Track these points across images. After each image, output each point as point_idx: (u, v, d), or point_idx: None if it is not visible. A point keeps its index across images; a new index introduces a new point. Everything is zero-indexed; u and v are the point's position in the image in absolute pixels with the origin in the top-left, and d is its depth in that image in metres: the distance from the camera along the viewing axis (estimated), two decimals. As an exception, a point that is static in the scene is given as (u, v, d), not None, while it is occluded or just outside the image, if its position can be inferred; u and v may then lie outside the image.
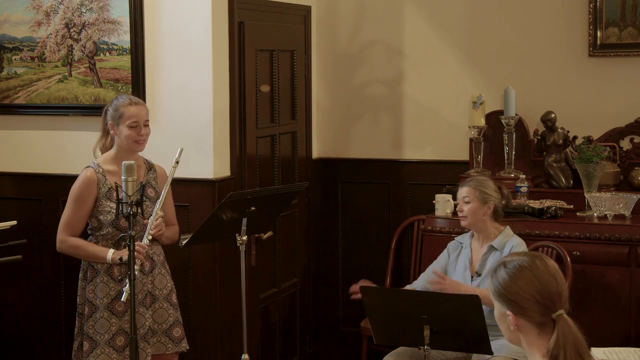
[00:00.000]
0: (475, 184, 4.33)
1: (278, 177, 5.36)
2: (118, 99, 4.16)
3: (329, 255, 5.96)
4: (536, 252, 2.42)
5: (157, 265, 4.16)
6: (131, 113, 4.07)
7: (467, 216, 4.32)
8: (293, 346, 5.66)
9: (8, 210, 5.04)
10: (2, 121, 5.17)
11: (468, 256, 4.39)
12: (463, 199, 4.33)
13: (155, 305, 4.14)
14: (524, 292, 2.32)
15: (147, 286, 4.11)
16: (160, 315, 4.15)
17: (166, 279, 4.20)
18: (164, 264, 4.23)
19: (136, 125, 4.07)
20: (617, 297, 4.78)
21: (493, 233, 4.35)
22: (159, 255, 4.20)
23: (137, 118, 4.07)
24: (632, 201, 4.91)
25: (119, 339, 4.06)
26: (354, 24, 5.85)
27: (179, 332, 4.20)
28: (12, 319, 5.24)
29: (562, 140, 5.28)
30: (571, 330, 2.28)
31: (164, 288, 4.18)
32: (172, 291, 4.21)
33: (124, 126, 4.06)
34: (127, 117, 4.06)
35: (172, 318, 4.18)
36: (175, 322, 4.19)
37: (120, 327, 4.06)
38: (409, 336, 3.84)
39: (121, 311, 4.06)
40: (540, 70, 5.48)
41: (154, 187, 4.20)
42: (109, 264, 4.05)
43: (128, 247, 3.67)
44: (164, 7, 4.77)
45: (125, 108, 4.08)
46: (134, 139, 4.07)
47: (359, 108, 5.87)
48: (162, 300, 4.16)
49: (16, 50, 5.09)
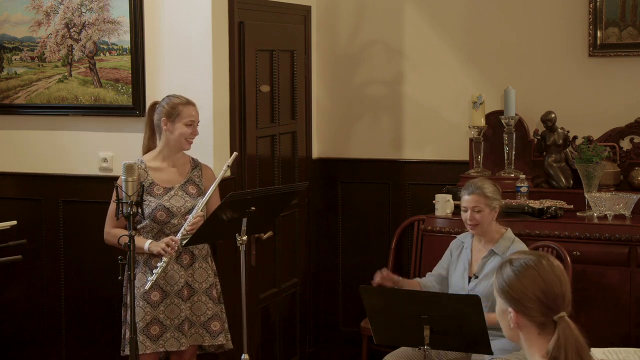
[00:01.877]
0: (482, 191, 4.27)
1: (278, 177, 5.36)
2: (172, 98, 4.28)
3: (329, 255, 5.96)
4: (543, 252, 2.42)
5: (197, 259, 4.26)
6: (189, 112, 4.23)
7: (480, 224, 4.27)
8: (293, 346, 5.66)
9: (8, 210, 5.04)
10: (2, 121, 5.17)
11: (468, 257, 4.38)
12: (473, 208, 4.26)
13: (194, 297, 4.23)
14: (527, 291, 2.32)
15: (183, 278, 4.19)
16: (199, 307, 4.24)
17: (207, 273, 4.28)
18: (207, 259, 4.30)
19: (192, 124, 4.23)
20: (617, 297, 4.78)
21: (495, 235, 4.33)
22: (200, 249, 4.28)
23: (194, 117, 4.25)
24: (632, 201, 4.91)
25: (153, 328, 4.17)
26: (354, 24, 5.85)
27: (217, 326, 4.27)
28: (12, 319, 5.23)
29: (562, 140, 5.28)
30: (572, 333, 2.28)
31: (204, 282, 4.26)
32: (213, 286, 4.30)
33: (181, 124, 4.21)
34: (184, 116, 4.22)
35: (210, 312, 4.26)
36: (214, 316, 4.28)
37: (155, 317, 4.16)
38: (409, 336, 3.84)
39: (156, 301, 4.17)
40: (540, 70, 5.48)
41: (197, 184, 4.29)
42: (148, 255, 4.17)
43: (128, 247, 3.69)
44: (164, 7, 4.77)
45: (184, 107, 4.23)
46: (187, 137, 4.23)
47: (359, 108, 5.87)
48: (201, 294, 4.25)
49: (16, 50, 5.09)
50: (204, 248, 4.30)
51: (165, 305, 4.18)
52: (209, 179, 4.34)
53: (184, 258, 4.22)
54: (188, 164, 4.33)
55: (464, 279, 4.34)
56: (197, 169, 4.34)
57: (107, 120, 4.94)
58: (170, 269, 4.19)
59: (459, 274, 4.37)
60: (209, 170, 4.39)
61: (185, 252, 4.22)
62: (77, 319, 5.08)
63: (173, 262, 4.19)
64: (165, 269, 4.11)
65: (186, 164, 4.33)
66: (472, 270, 4.34)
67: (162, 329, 4.16)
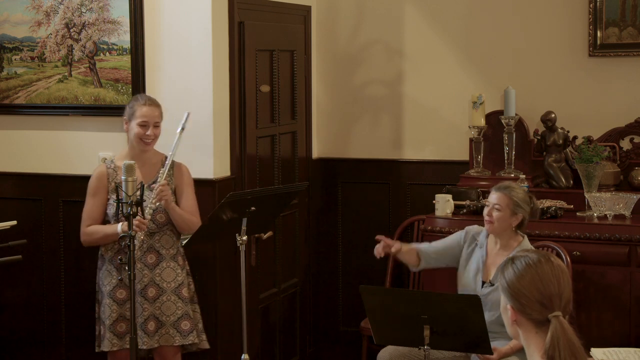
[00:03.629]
0: (509, 193, 4.21)
1: (278, 177, 5.36)
2: (137, 97, 4.33)
3: (329, 255, 5.96)
4: (546, 252, 2.44)
5: (164, 259, 4.25)
6: (143, 112, 4.22)
7: (495, 223, 4.22)
8: (293, 346, 5.66)
9: (8, 210, 5.04)
10: (2, 121, 5.17)
11: (482, 258, 4.31)
12: (494, 205, 4.21)
13: (162, 297, 4.23)
14: (524, 289, 2.35)
15: (147, 277, 4.20)
16: (168, 307, 4.24)
17: (175, 272, 4.28)
18: (175, 258, 4.29)
19: (146, 124, 4.22)
20: (617, 297, 4.78)
21: (512, 243, 4.26)
22: (168, 249, 4.27)
23: (147, 118, 4.23)
24: (632, 201, 4.91)
25: (119, 326, 4.21)
26: (354, 24, 5.85)
27: (188, 326, 4.26)
28: (12, 319, 5.24)
29: (562, 140, 5.28)
30: (565, 333, 2.29)
31: (172, 281, 4.26)
32: (182, 285, 4.28)
33: (135, 124, 4.23)
34: (138, 116, 4.23)
35: (180, 311, 4.25)
36: (184, 316, 4.26)
37: (121, 314, 4.20)
38: (409, 336, 3.84)
39: (122, 299, 4.20)
40: (540, 70, 5.48)
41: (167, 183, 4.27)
42: (113, 253, 4.21)
43: (128, 247, 3.70)
44: (164, 7, 4.77)
45: (140, 107, 4.24)
46: (141, 137, 4.23)
47: (359, 108, 5.87)
48: (170, 293, 4.24)
49: (16, 50, 5.09)
50: (173, 247, 4.30)
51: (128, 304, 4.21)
52: (180, 177, 4.33)
53: (148, 258, 4.23)
54: (159, 164, 4.33)
55: (476, 282, 4.27)
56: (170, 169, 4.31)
57: (107, 120, 4.94)
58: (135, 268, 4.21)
59: (471, 274, 4.31)
60: (181, 168, 4.37)
61: (151, 252, 4.23)
62: (77, 319, 5.07)
63: (137, 260, 4.20)
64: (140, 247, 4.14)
65: (157, 164, 4.33)
66: (487, 275, 4.27)
67: (128, 326, 4.17)
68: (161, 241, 4.26)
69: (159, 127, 4.28)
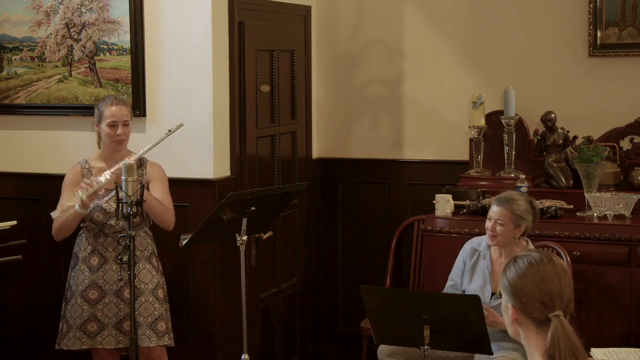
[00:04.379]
0: (511, 207, 4.17)
1: (278, 177, 5.36)
2: (104, 99, 4.34)
3: (329, 255, 5.96)
4: (548, 252, 2.45)
5: (140, 260, 4.27)
6: (110, 112, 4.23)
7: (498, 237, 4.20)
8: (293, 346, 5.66)
9: (8, 210, 5.04)
10: (2, 121, 5.17)
11: (488, 268, 4.30)
12: (496, 220, 4.19)
13: (140, 298, 4.23)
14: (526, 287, 2.36)
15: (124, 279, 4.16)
16: (146, 308, 4.24)
17: (151, 274, 4.30)
18: (150, 260, 4.32)
19: (115, 124, 4.22)
20: (617, 297, 4.78)
21: (516, 250, 4.22)
22: (142, 250, 4.30)
23: (116, 118, 4.23)
24: (632, 201, 4.91)
25: (90, 325, 4.24)
26: (354, 24, 5.85)
27: (163, 327, 4.28)
28: (12, 319, 5.24)
29: (562, 140, 5.28)
30: (565, 332, 2.30)
31: (149, 282, 4.28)
32: (158, 286, 4.30)
33: (104, 125, 4.24)
34: (106, 117, 4.24)
35: (157, 312, 4.26)
36: (160, 317, 4.28)
37: (93, 314, 4.23)
38: (409, 336, 3.84)
39: (94, 299, 4.23)
40: (540, 70, 5.48)
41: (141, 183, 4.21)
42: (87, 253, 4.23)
43: (128, 247, 3.70)
44: (164, 7, 4.77)
45: (106, 107, 4.25)
46: (112, 138, 4.24)
47: (359, 108, 5.87)
48: (148, 294, 4.25)
49: (16, 50, 5.09)
50: (147, 249, 4.32)
51: (103, 304, 4.23)
52: (152, 171, 4.33)
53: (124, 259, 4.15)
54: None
55: (484, 293, 4.24)
56: (140, 168, 4.32)
57: (107, 120, 4.94)
58: (109, 269, 4.23)
59: (478, 286, 4.29)
60: (155, 168, 4.37)
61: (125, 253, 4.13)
62: (77, 319, 5.07)
63: (112, 261, 4.23)
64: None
65: None
66: (496, 286, 4.24)
67: (99, 326, 4.23)
68: (135, 242, 4.20)
69: (129, 125, 4.27)
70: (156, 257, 4.38)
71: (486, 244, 4.33)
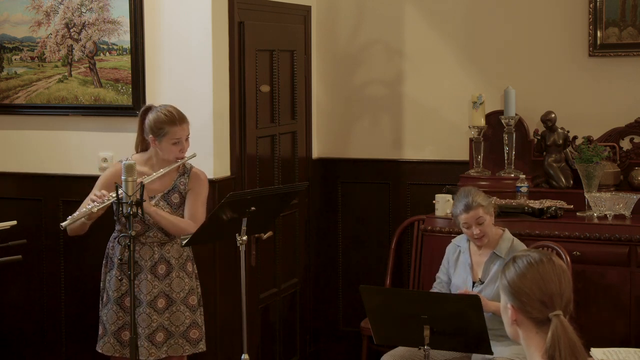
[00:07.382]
0: (479, 203, 4.22)
1: (278, 177, 5.36)
2: (160, 113, 4.16)
3: (329, 255, 5.96)
4: (548, 252, 2.45)
5: (174, 269, 4.22)
6: (175, 133, 4.14)
7: (486, 234, 4.25)
8: (293, 346, 5.66)
9: (8, 210, 5.04)
10: (2, 121, 5.17)
11: (467, 261, 4.36)
12: (476, 221, 4.21)
13: (172, 308, 4.20)
14: (526, 287, 2.36)
15: (157, 289, 4.17)
16: (177, 318, 4.21)
17: (184, 282, 4.24)
18: (184, 267, 4.26)
19: (179, 141, 4.16)
20: (617, 297, 4.78)
21: (493, 238, 4.30)
22: (177, 258, 4.25)
23: (181, 136, 4.16)
24: (632, 201, 4.91)
25: (124, 334, 4.18)
26: (354, 24, 5.85)
27: (196, 334, 4.26)
28: (12, 319, 5.24)
29: (562, 140, 5.28)
30: (565, 332, 2.29)
31: (181, 291, 4.23)
32: (189, 293, 4.26)
33: (167, 143, 4.15)
34: (170, 137, 4.14)
35: (188, 320, 4.23)
36: (192, 324, 4.25)
37: (127, 322, 4.15)
38: (409, 336, 3.84)
39: (129, 307, 4.07)
40: (540, 70, 5.48)
41: (182, 192, 4.23)
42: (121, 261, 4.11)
43: (128, 247, 3.70)
44: (164, 7, 4.77)
45: (170, 127, 4.13)
46: (176, 155, 4.17)
47: (359, 108, 5.87)
48: (179, 304, 4.22)
49: (16, 50, 5.09)
50: (182, 256, 4.26)
51: (137, 314, 4.14)
52: (191, 187, 4.25)
53: (159, 268, 4.18)
54: (176, 171, 4.25)
55: (467, 284, 4.30)
56: (184, 176, 4.27)
57: (107, 120, 4.94)
58: (144, 279, 4.17)
59: (461, 279, 4.34)
60: (194, 180, 4.27)
61: (162, 262, 4.18)
62: (77, 319, 5.08)
63: (147, 271, 4.17)
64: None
65: (174, 171, 4.24)
66: (476, 275, 4.31)
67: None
68: (172, 251, 4.22)
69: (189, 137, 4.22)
70: (192, 261, 4.31)
71: (465, 239, 4.39)
